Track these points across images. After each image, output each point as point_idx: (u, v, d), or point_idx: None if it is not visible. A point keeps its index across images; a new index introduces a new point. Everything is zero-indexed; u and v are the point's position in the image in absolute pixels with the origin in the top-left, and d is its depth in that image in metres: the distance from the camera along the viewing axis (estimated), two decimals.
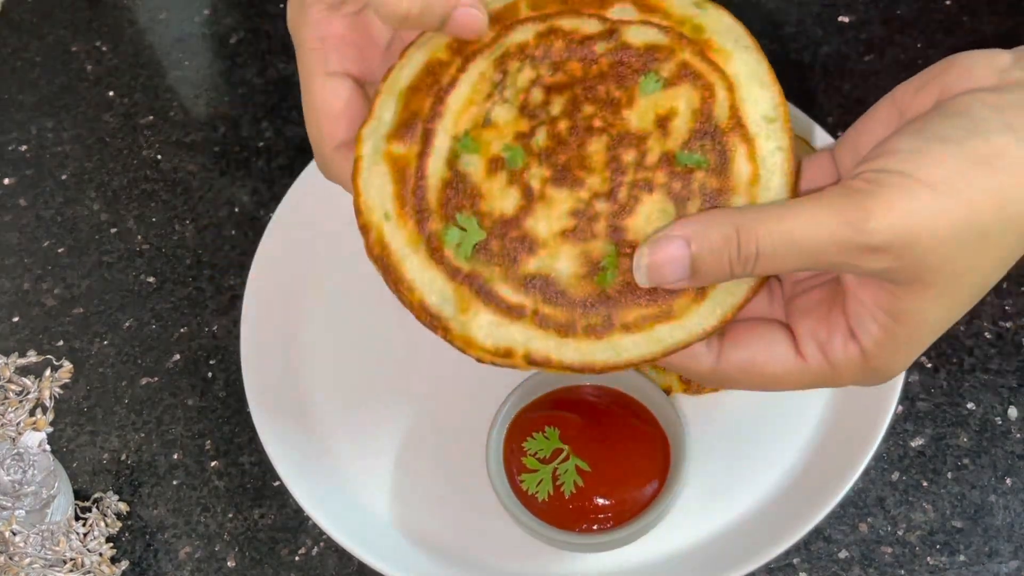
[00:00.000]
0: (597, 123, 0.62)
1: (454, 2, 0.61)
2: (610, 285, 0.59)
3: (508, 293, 0.60)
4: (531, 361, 0.59)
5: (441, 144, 0.63)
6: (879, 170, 0.55)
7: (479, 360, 0.61)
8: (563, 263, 0.60)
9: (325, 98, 0.66)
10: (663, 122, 0.62)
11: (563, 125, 0.62)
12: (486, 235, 0.61)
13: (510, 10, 0.65)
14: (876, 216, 0.53)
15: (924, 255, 0.53)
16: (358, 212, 0.63)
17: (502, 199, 0.61)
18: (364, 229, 0.63)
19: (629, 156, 0.61)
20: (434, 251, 0.61)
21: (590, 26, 0.64)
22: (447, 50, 0.64)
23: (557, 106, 0.63)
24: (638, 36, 0.64)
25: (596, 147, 0.62)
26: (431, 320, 0.61)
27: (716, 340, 0.60)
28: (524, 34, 0.65)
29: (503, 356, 0.60)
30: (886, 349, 0.57)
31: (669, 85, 0.62)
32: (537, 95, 0.63)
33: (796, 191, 0.61)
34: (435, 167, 0.62)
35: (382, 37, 0.69)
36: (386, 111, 0.65)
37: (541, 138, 0.62)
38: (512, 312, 0.59)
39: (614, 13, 0.65)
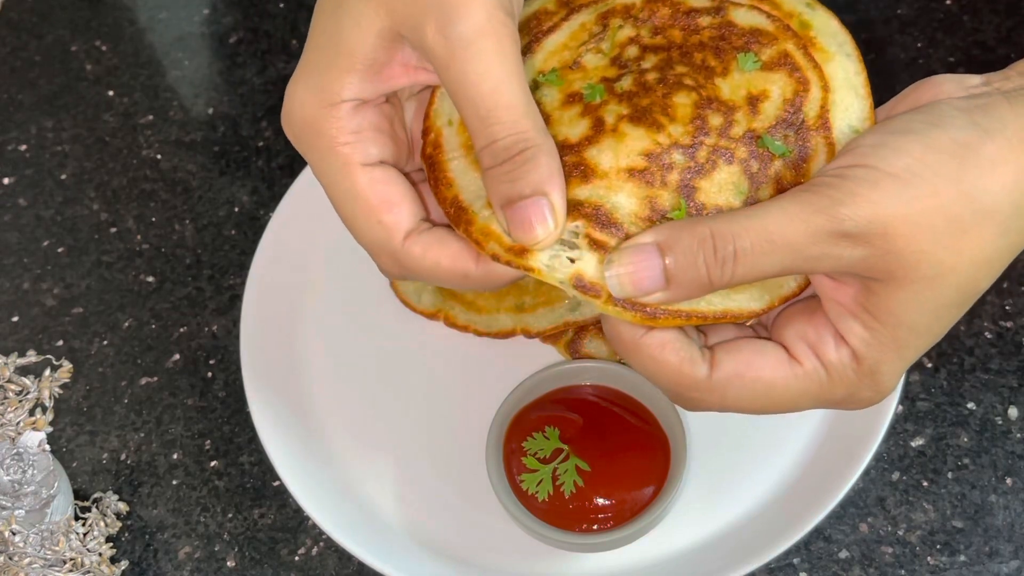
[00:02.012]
0: (688, 82, 0.61)
1: None
2: None
3: None
4: (578, 284, 0.56)
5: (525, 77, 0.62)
6: (843, 166, 0.55)
7: (493, 257, 0.58)
8: (623, 199, 0.58)
9: (378, 190, 0.60)
10: (754, 100, 0.61)
11: (651, 76, 0.61)
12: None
13: None
14: (845, 203, 0.53)
15: (898, 245, 0.53)
16: (425, 117, 0.63)
17: (569, 127, 0.60)
18: (425, 132, 0.62)
19: (716, 120, 0.60)
20: None
21: (699, 1, 0.64)
22: (555, 2, 0.65)
23: (649, 61, 0.62)
24: (745, 18, 0.64)
25: (683, 100, 0.60)
26: (457, 213, 0.59)
27: (708, 350, 0.59)
28: None
29: (517, 254, 0.57)
30: (873, 348, 0.56)
31: (766, 68, 0.62)
32: (632, 51, 0.63)
33: None
34: None
35: (404, 127, 0.65)
36: None
37: (626, 82, 0.62)
38: None
39: None
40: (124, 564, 0.78)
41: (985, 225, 0.54)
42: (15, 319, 0.91)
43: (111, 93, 1.03)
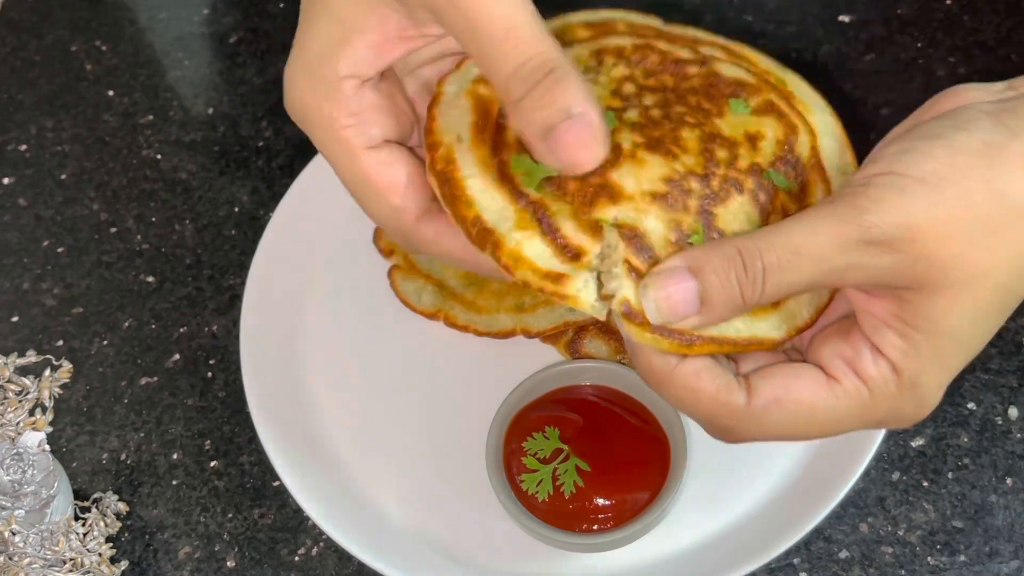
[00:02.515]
0: (689, 119, 0.62)
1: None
2: None
3: (571, 231, 0.57)
4: (626, 312, 0.55)
5: None
6: (868, 175, 0.54)
7: (524, 283, 0.57)
8: (653, 222, 0.58)
9: (384, 173, 0.60)
10: (752, 139, 0.62)
11: (656, 112, 0.62)
12: (558, 176, 0.58)
13: (607, 24, 0.67)
14: (871, 211, 0.52)
15: (928, 249, 0.52)
16: (428, 132, 0.61)
17: None
18: (432, 146, 0.60)
19: (722, 153, 0.61)
20: (503, 175, 0.59)
21: (683, 52, 0.66)
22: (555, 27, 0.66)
23: (649, 99, 0.63)
24: (729, 70, 0.65)
25: (689, 135, 0.61)
26: (483, 233, 0.57)
27: (743, 378, 0.57)
28: (621, 41, 0.66)
29: (553, 280, 0.56)
30: (912, 359, 0.54)
31: (756, 113, 0.63)
32: (630, 88, 0.64)
33: None
34: None
35: (405, 98, 0.64)
36: (475, 68, 0.63)
37: (633, 114, 0.62)
38: (568, 253, 0.57)
39: (704, 50, 0.67)
40: (124, 564, 0.78)
41: (1018, 223, 0.52)
42: (15, 319, 0.91)
43: (111, 93, 1.03)
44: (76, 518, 0.79)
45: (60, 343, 0.89)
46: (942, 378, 0.56)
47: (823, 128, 0.65)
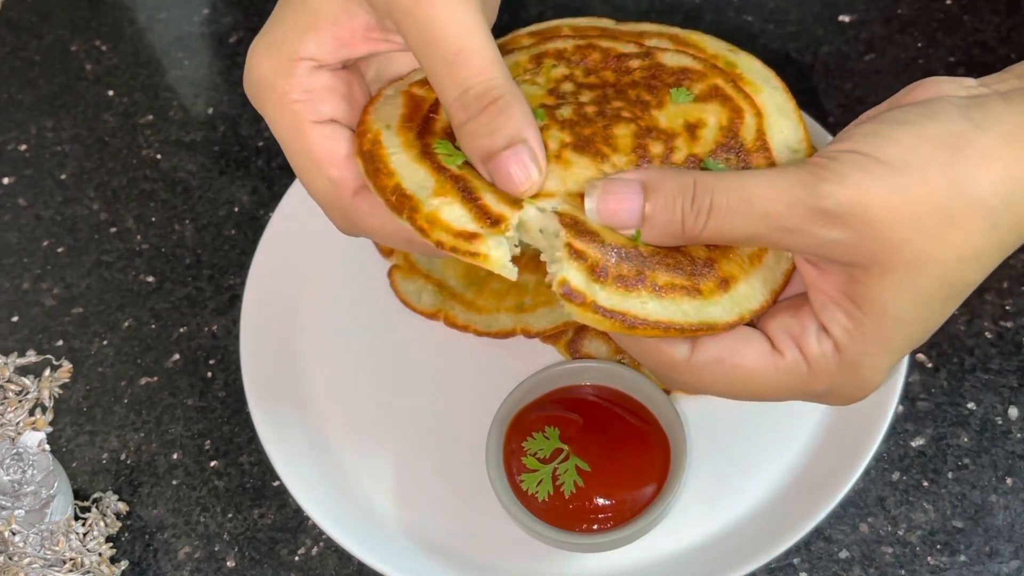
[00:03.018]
0: (625, 114, 0.63)
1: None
2: (642, 245, 0.58)
3: (491, 201, 0.58)
4: (564, 291, 0.56)
5: None
6: (834, 150, 0.55)
7: (438, 244, 0.57)
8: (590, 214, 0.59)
9: (326, 146, 0.62)
10: (691, 128, 0.63)
11: (591, 109, 0.63)
12: None
13: (551, 30, 0.68)
14: (829, 180, 0.52)
15: (880, 230, 0.52)
16: (360, 123, 0.63)
17: None
18: (361, 133, 0.62)
19: (656, 148, 0.62)
20: (425, 154, 0.60)
21: (627, 47, 0.67)
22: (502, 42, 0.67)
23: (586, 95, 0.63)
24: (673, 59, 0.66)
25: (623, 132, 0.62)
26: (401, 199, 0.59)
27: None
28: (563, 44, 0.67)
29: (466, 239, 0.57)
30: (856, 340, 0.56)
31: (700, 100, 0.64)
32: (568, 87, 0.64)
33: None
34: None
35: (364, 91, 0.66)
36: (418, 74, 0.66)
37: (566, 111, 0.63)
38: (488, 220, 0.57)
39: (650, 43, 0.68)
40: (124, 564, 0.78)
41: (973, 217, 0.53)
42: (15, 319, 0.91)
43: (111, 93, 1.03)
44: (76, 518, 0.79)
45: (60, 343, 0.89)
46: (884, 360, 0.57)
47: (772, 107, 0.64)
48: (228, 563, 0.78)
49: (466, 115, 0.57)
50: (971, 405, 0.80)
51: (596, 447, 0.73)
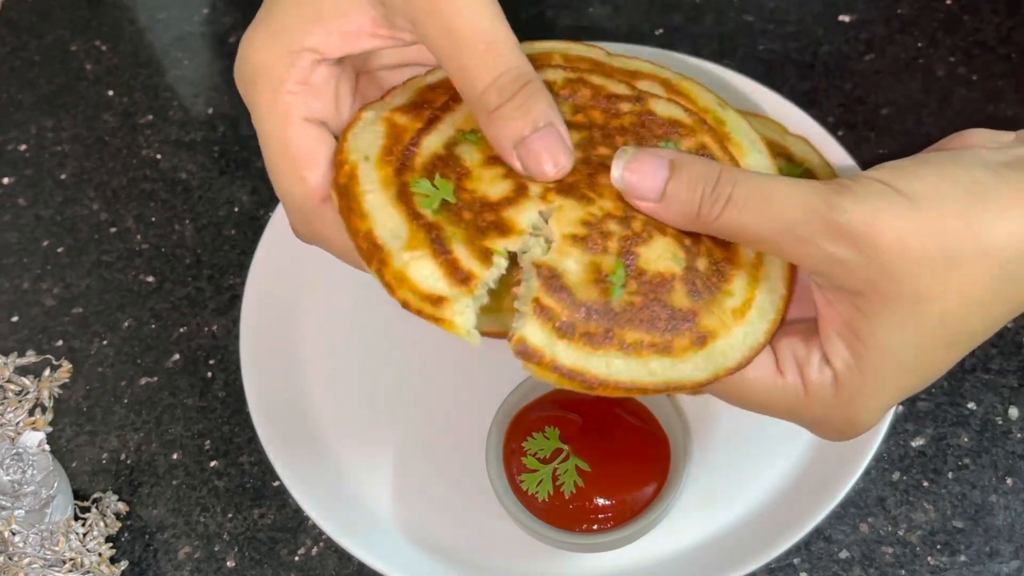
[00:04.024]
0: (610, 163, 0.62)
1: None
2: (616, 300, 0.58)
3: (462, 255, 0.58)
4: (520, 349, 0.57)
5: (444, 130, 0.63)
6: (858, 175, 0.55)
7: (403, 305, 0.57)
8: (571, 264, 0.59)
9: (308, 146, 0.60)
10: None
11: (576, 154, 0.62)
12: (456, 203, 0.59)
13: (543, 56, 0.67)
14: (847, 198, 0.53)
15: (885, 257, 0.52)
16: (338, 151, 0.61)
17: (490, 185, 0.61)
18: (338, 164, 0.61)
19: None
20: (402, 195, 0.60)
21: (618, 88, 0.66)
22: None
23: (573, 137, 0.62)
24: (664, 109, 0.65)
25: (607, 181, 0.61)
26: (371, 249, 0.58)
27: None
28: (554, 75, 0.66)
29: (433, 303, 0.57)
30: (854, 374, 0.56)
31: None
32: None
33: (791, 286, 0.62)
34: (431, 142, 0.62)
35: (352, 89, 0.65)
36: (398, 98, 0.65)
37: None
38: (457, 276, 0.57)
39: (642, 85, 0.67)
40: (124, 564, 0.78)
41: (982, 264, 0.53)
42: (15, 319, 0.91)
43: (111, 93, 1.03)
44: (76, 518, 0.79)
45: (60, 343, 0.89)
46: (878, 402, 0.57)
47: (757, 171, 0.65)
48: (228, 563, 0.78)
49: (500, 99, 0.57)
50: (971, 405, 0.80)
51: (596, 447, 0.73)
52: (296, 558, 0.78)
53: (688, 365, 0.58)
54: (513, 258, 0.59)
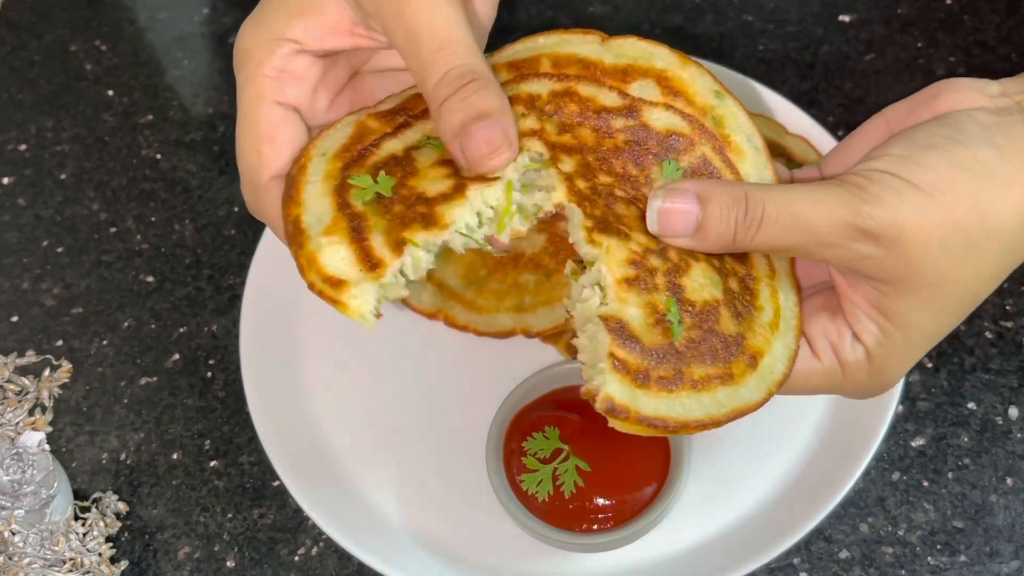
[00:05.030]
0: (619, 193, 0.63)
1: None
2: (679, 339, 0.59)
3: (377, 244, 0.59)
4: (608, 408, 0.57)
5: (411, 136, 0.64)
6: (871, 169, 0.58)
7: (309, 287, 0.59)
8: (633, 311, 0.59)
9: (272, 125, 0.64)
10: None
11: (582, 184, 0.62)
12: (392, 197, 0.61)
13: (530, 63, 0.67)
14: (869, 202, 0.57)
15: (910, 251, 0.57)
16: (304, 148, 0.64)
17: (432, 183, 0.61)
18: (295, 159, 0.64)
19: None
20: (340, 186, 0.61)
21: (609, 98, 0.65)
22: None
23: (567, 165, 0.63)
24: (660, 120, 0.65)
25: (626, 212, 0.62)
26: (295, 232, 0.60)
27: None
28: (539, 87, 0.66)
29: (333, 286, 0.58)
30: (885, 348, 0.61)
31: (689, 174, 0.64)
32: (534, 144, 0.63)
33: (799, 289, 0.64)
34: (392, 146, 0.64)
35: (340, 82, 0.68)
36: (385, 103, 0.67)
37: (559, 193, 0.62)
38: (368, 263, 0.58)
39: (635, 89, 0.65)
40: (124, 564, 0.78)
41: (992, 242, 0.58)
42: (15, 319, 0.91)
43: (111, 93, 1.03)
44: (76, 518, 0.79)
45: (60, 343, 0.89)
46: (905, 366, 0.62)
47: (754, 176, 0.65)
48: (228, 563, 0.78)
49: (448, 91, 0.60)
50: (971, 405, 0.80)
51: (596, 447, 0.73)
52: (296, 558, 0.78)
53: (747, 388, 0.60)
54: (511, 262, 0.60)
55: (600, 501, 0.72)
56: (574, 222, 0.61)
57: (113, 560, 0.78)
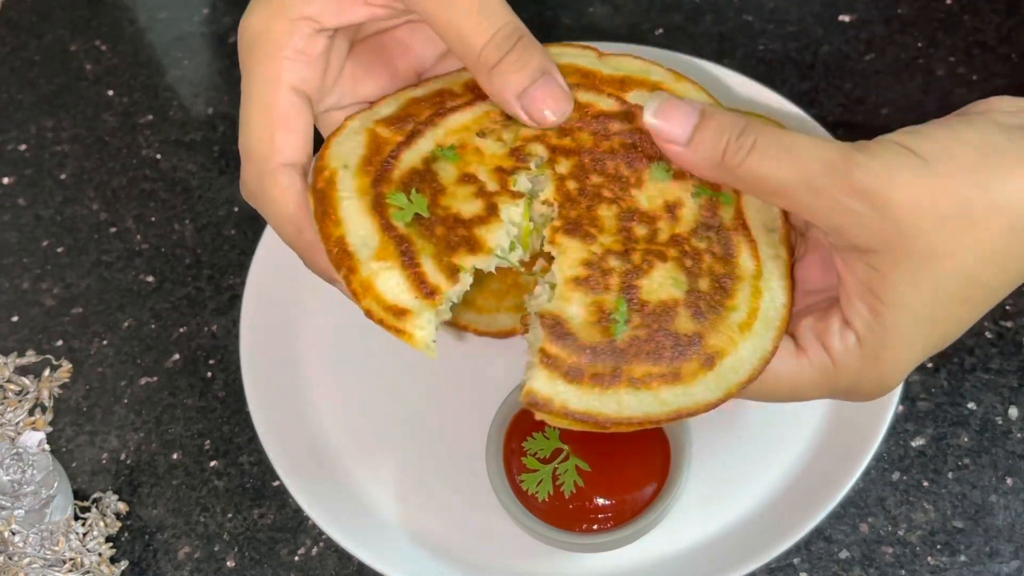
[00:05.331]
0: (606, 193, 0.63)
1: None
2: (620, 337, 0.59)
3: (429, 270, 0.59)
4: (531, 402, 0.58)
5: (424, 146, 0.64)
6: (876, 138, 0.57)
7: (366, 313, 0.59)
8: (575, 309, 0.59)
9: (288, 111, 0.63)
10: (672, 208, 0.63)
11: (571, 185, 0.63)
12: (431, 219, 0.61)
13: None
14: (864, 154, 0.55)
15: (898, 212, 0.54)
16: (319, 157, 0.63)
17: (463, 203, 0.62)
18: (318, 170, 0.62)
19: (641, 231, 0.62)
20: (377, 205, 0.61)
21: (607, 104, 0.66)
22: (463, 87, 0.66)
23: (563, 166, 0.63)
24: None
25: (606, 213, 0.62)
26: (341, 255, 0.59)
27: None
28: None
29: (395, 315, 0.58)
30: (876, 332, 0.57)
31: (677, 177, 0.64)
32: (537, 148, 0.64)
33: (792, 293, 0.63)
34: (410, 157, 0.63)
35: (342, 62, 0.67)
36: (385, 108, 0.66)
37: (548, 191, 0.63)
38: (423, 289, 0.58)
39: (632, 97, 0.67)
40: (124, 564, 0.78)
41: (994, 219, 0.54)
42: (15, 319, 0.91)
43: (111, 93, 1.03)
44: (76, 518, 0.79)
45: (60, 343, 0.89)
46: (903, 356, 0.58)
47: None
48: (228, 563, 0.78)
49: (499, 54, 0.61)
50: (971, 405, 0.80)
51: (596, 447, 0.73)
52: (296, 558, 0.78)
53: (699, 388, 0.59)
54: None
55: (600, 501, 0.72)
56: (547, 222, 0.62)
57: (113, 560, 0.78)
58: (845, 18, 1.01)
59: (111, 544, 0.78)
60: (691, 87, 0.68)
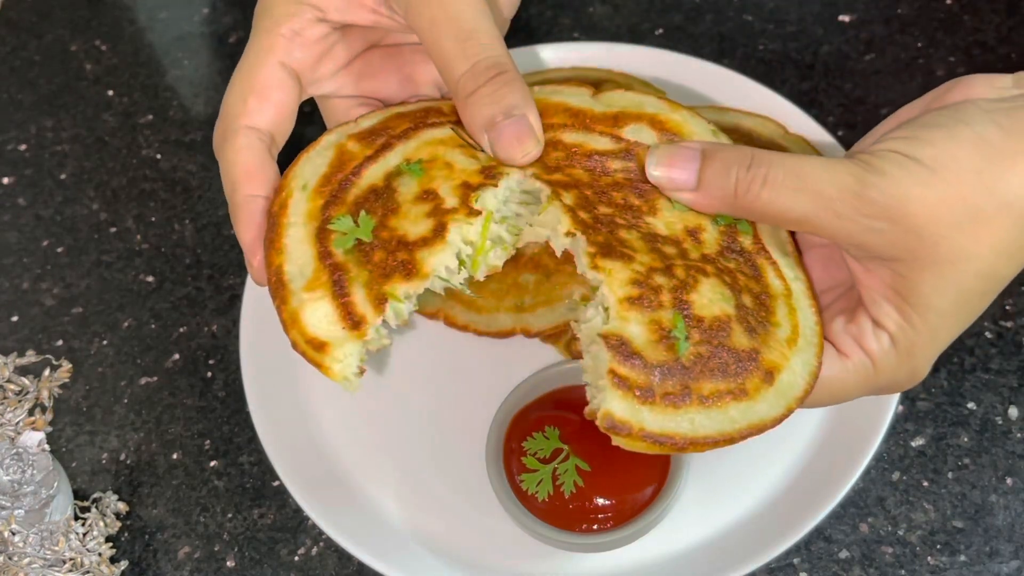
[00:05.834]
0: (620, 221, 0.63)
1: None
2: (684, 354, 0.58)
3: (359, 299, 0.59)
4: (608, 425, 0.57)
5: (391, 160, 0.64)
6: (877, 149, 0.58)
7: (292, 345, 0.60)
8: (635, 328, 0.59)
9: (268, 81, 0.66)
10: (693, 232, 0.63)
11: (584, 215, 0.62)
12: (372, 241, 0.60)
13: None
14: (874, 173, 0.56)
15: (917, 223, 0.56)
16: (285, 174, 0.65)
17: (412, 223, 0.61)
18: (276, 190, 0.64)
19: (670, 250, 0.62)
20: (321, 231, 0.61)
21: (600, 143, 0.66)
22: (451, 108, 0.67)
23: (568, 198, 0.63)
24: None
25: (630, 236, 0.62)
26: (277, 285, 0.61)
27: None
28: None
29: (315, 348, 0.59)
30: (907, 331, 0.60)
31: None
32: (511, 170, 0.63)
33: (820, 311, 0.64)
34: (373, 173, 0.63)
35: (348, 56, 0.69)
36: (366, 121, 0.67)
37: (564, 224, 0.62)
38: (350, 320, 0.59)
39: (628, 133, 0.66)
40: (124, 564, 0.78)
41: (1004, 216, 0.57)
42: (15, 319, 0.91)
43: (111, 93, 1.03)
44: (76, 518, 0.79)
45: (60, 343, 0.89)
46: (932, 350, 0.61)
47: None
48: (228, 563, 0.78)
49: (475, 84, 0.61)
50: (971, 405, 0.80)
51: (596, 447, 0.73)
52: (296, 558, 0.78)
53: (764, 405, 0.59)
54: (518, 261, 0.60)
55: (600, 501, 0.72)
56: (579, 250, 0.61)
57: (113, 560, 0.78)
58: (845, 18, 1.01)
59: (111, 544, 0.78)
60: (688, 115, 0.67)
